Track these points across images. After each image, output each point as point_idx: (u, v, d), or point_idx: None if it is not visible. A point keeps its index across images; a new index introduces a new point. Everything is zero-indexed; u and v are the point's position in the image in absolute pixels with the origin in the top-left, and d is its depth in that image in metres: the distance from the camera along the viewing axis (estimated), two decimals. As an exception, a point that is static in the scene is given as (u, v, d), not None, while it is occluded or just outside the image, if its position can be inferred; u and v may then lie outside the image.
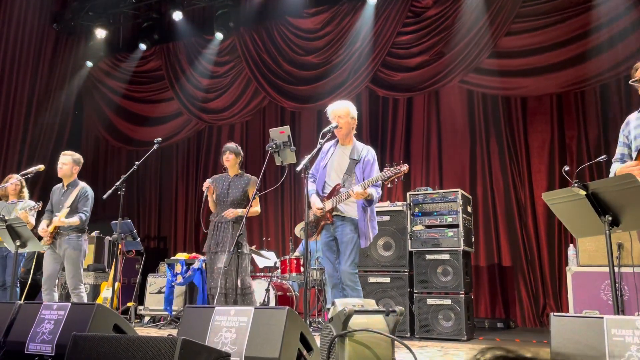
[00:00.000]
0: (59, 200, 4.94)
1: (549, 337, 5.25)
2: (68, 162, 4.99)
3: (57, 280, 4.91)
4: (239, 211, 4.64)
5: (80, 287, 4.82)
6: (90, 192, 5.01)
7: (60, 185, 5.07)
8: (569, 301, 4.61)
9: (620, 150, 3.25)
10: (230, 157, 4.80)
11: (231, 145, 4.91)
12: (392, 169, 3.49)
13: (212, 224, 4.77)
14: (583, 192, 2.63)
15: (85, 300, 4.92)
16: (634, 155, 3.09)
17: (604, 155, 3.39)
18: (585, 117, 6.57)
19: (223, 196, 4.75)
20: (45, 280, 4.82)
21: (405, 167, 3.48)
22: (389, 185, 3.56)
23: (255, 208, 4.72)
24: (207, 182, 4.74)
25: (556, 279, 6.40)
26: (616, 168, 3.16)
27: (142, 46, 9.27)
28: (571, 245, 4.82)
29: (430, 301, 4.97)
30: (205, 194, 4.73)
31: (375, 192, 3.74)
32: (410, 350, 2.46)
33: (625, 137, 3.22)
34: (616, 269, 4.22)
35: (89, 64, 9.74)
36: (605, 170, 6.18)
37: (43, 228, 4.84)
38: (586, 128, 6.54)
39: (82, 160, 5.13)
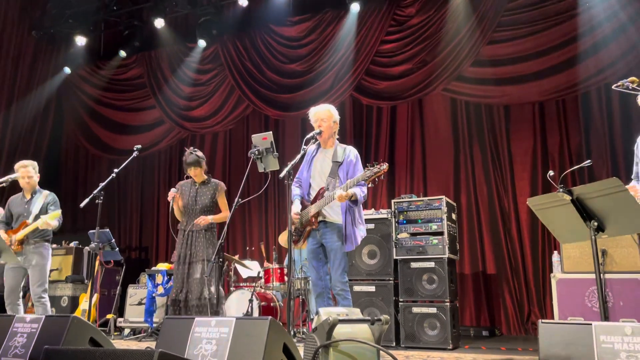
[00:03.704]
0: (22, 210, 4.80)
1: (535, 345, 5.21)
2: (32, 174, 4.89)
3: (19, 294, 4.77)
4: (209, 218, 4.66)
5: (45, 296, 4.69)
6: (56, 198, 4.96)
7: (19, 195, 4.94)
8: (553, 308, 4.60)
9: (634, 169, 3.31)
10: (197, 171, 4.76)
11: (191, 159, 4.74)
12: (372, 168, 3.48)
13: (181, 233, 4.70)
14: (568, 197, 2.61)
15: (49, 310, 4.80)
16: None
17: (589, 160, 3.41)
18: (567, 125, 6.62)
19: (191, 204, 4.70)
20: (8, 294, 4.67)
21: (385, 166, 3.47)
22: (370, 185, 3.54)
23: (225, 214, 4.75)
24: (173, 192, 4.67)
25: (540, 286, 6.40)
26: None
27: (122, 53, 9.17)
28: (555, 252, 4.82)
29: (415, 310, 4.92)
30: (172, 204, 4.67)
31: (360, 191, 3.70)
32: (396, 360, 2.40)
33: (636, 156, 3.29)
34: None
35: (68, 71, 9.60)
36: (587, 176, 6.22)
37: (7, 238, 4.67)
38: (568, 136, 6.59)
39: (37, 165, 5.01)
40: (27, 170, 4.86)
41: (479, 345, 5.23)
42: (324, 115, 3.88)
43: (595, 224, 2.59)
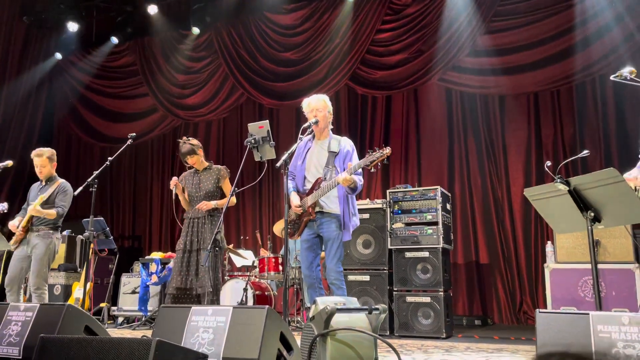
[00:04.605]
0: (35, 196, 4.75)
1: (527, 334, 5.25)
2: (45, 163, 4.80)
3: (22, 283, 4.69)
4: (213, 203, 4.60)
5: (44, 287, 4.58)
6: (69, 188, 4.84)
7: (38, 182, 4.91)
8: (546, 298, 4.64)
9: None
10: (195, 159, 4.71)
11: (186, 148, 4.69)
12: (375, 153, 3.46)
13: (187, 221, 4.67)
14: (565, 188, 2.61)
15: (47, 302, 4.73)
16: None
17: (586, 151, 3.41)
18: (561, 116, 6.64)
19: (195, 191, 4.66)
20: (8, 282, 4.57)
21: (388, 150, 3.45)
22: (372, 170, 3.52)
23: (232, 198, 4.63)
24: (174, 180, 4.63)
25: (532, 276, 6.45)
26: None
27: (114, 40, 9.08)
28: (549, 242, 4.85)
29: (409, 299, 4.95)
30: (174, 192, 4.62)
31: (359, 180, 3.70)
32: (394, 350, 2.41)
33: None
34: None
35: (60, 57, 9.49)
36: (580, 166, 6.25)
37: (13, 224, 4.64)
38: (562, 126, 6.61)
39: (55, 153, 4.93)
40: (39, 160, 4.79)
41: (472, 334, 5.27)
42: (319, 105, 3.84)
43: (592, 214, 2.60)
